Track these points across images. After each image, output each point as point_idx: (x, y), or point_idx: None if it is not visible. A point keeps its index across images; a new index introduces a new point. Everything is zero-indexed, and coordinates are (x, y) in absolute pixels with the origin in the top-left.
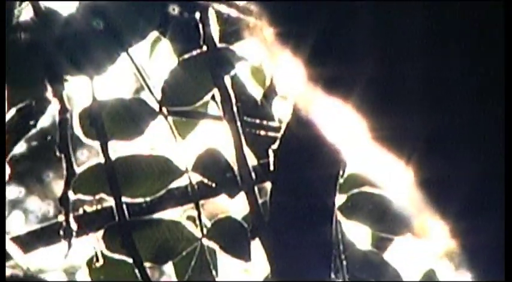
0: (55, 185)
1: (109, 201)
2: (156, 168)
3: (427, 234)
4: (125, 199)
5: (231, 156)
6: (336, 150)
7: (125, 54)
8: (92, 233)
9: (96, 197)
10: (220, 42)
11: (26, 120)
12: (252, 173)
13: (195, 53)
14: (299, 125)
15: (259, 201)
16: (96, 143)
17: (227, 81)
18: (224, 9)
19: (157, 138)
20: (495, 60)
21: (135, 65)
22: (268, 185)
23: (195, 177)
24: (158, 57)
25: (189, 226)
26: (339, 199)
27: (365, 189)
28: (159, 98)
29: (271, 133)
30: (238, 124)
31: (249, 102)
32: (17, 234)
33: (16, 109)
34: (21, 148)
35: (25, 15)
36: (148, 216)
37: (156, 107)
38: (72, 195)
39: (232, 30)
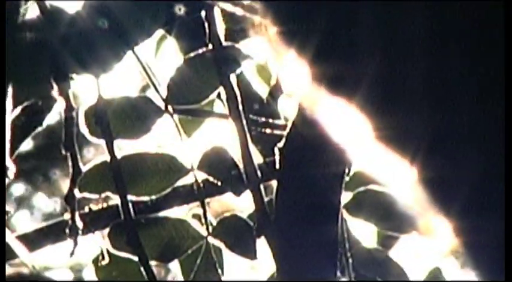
0: (62, 183)
1: (115, 200)
2: (161, 167)
3: (432, 232)
4: (130, 197)
5: (237, 155)
6: (341, 148)
7: (130, 53)
8: (98, 231)
9: (102, 195)
10: (226, 40)
11: (31, 119)
12: (258, 171)
13: (200, 51)
14: (305, 123)
15: (265, 199)
16: (102, 141)
17: (233, 79)
18: (230, 7)
19: (163, 136)
20: (495, 60)
21: (141, 63)
22: (274, 183)
23: (201, 176)
24: (164, 55)
25: (194, 224)
26: (345, 197)
27: (371, 187)
28: (164, 96)
29: (277, 131)
30: (244, 122)
31: (255, 100)
32: (23, 232)
33: (22, 107)
34: (28, 146)
35: (31, 13)
36: (154, 215)
37: (161, 105)
38: (78, 194)
39: (238, 28)
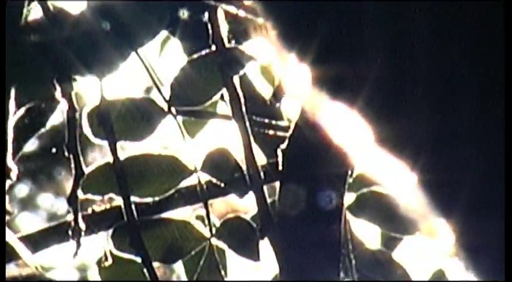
0: (66, 184)
1: (118, 201)
2: (165, 168)
3: (436, 233)
4: (133, 198)
5: (240, 156)
6: (344, 150)
7: (134, 54)
8: (101, 233)
9: (105, 197)
10: (229, 42)
11: (35, 120)
12: (261, 173)
13: (204, 52)
14: (308, 125)
15: (268, 200)
16: (105, 143)
17: (236, 80)
18: (233, 9)
19: (166, 137)
20: (495, 60)
21: (145, 65)
22: (277, 185)
23: (204, 177)
24: (167, 56)
25: (198, 226)
26: (348, 198)
27: (374, 188)
28: (168, 97)
29: (280, 132)
30: (247, 124)
31: (258, 101)
32: (26, 232)
33: (25, 109)
34: (32, 146)
35: (34, 14)
36: (157, 216)
37: (165, 106)
38: (81, 195)
39: (241, 30)
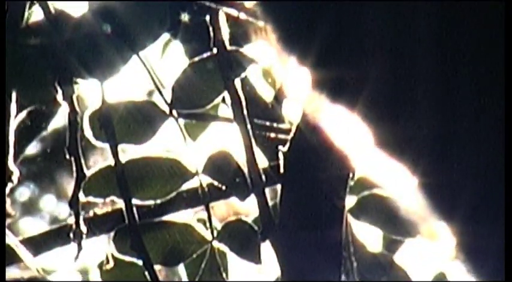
0: (67, 186)
1: (119, 204)
2: (166, 171)
3: (437, 236)
4: (135, 201)
5: (242, 159)
6: (345, 153)
7: (135, 57)
8: (103, 235)
9: (107, 199)
10: (230, 44)
11: (36, 123)
12: (262, 175)
13: (205, 55)
14: (309, 128)
15: (270, 203)
16: (107, 146)
17: (238, 83)
18: (234, 12)
19: (167, 140)
20: (495, 60)
21: (146, 67)
22: (279, 187)
23: (206, 180)
24: (169, 59)
25: (199, 228)
26: (350, 201)
27: (375, 191)
28: (169, 100)
29: (281, 135)
30: (249, 126)
31: (259, 104)
32: (28, 235)
33: (26, 112)
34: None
35: (35, 17)
36: (159, 219)
37: (166, 109)
38: (82, 198)
39: (242, 32)
